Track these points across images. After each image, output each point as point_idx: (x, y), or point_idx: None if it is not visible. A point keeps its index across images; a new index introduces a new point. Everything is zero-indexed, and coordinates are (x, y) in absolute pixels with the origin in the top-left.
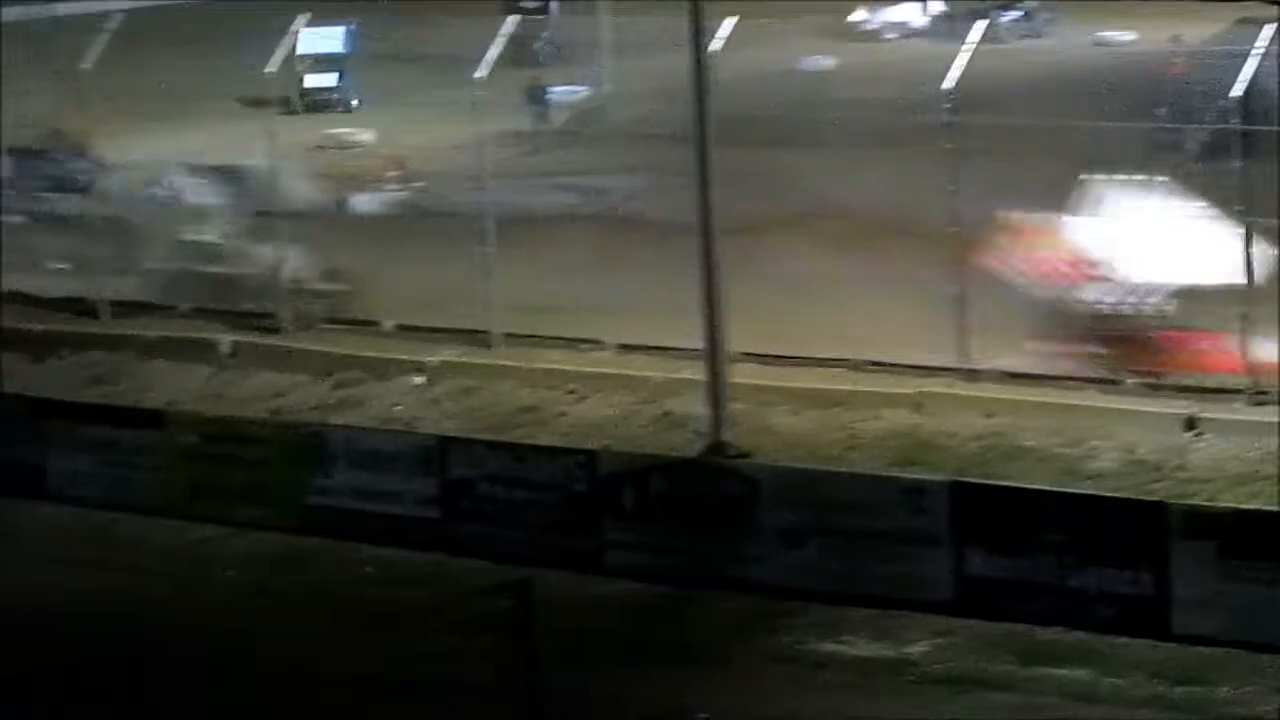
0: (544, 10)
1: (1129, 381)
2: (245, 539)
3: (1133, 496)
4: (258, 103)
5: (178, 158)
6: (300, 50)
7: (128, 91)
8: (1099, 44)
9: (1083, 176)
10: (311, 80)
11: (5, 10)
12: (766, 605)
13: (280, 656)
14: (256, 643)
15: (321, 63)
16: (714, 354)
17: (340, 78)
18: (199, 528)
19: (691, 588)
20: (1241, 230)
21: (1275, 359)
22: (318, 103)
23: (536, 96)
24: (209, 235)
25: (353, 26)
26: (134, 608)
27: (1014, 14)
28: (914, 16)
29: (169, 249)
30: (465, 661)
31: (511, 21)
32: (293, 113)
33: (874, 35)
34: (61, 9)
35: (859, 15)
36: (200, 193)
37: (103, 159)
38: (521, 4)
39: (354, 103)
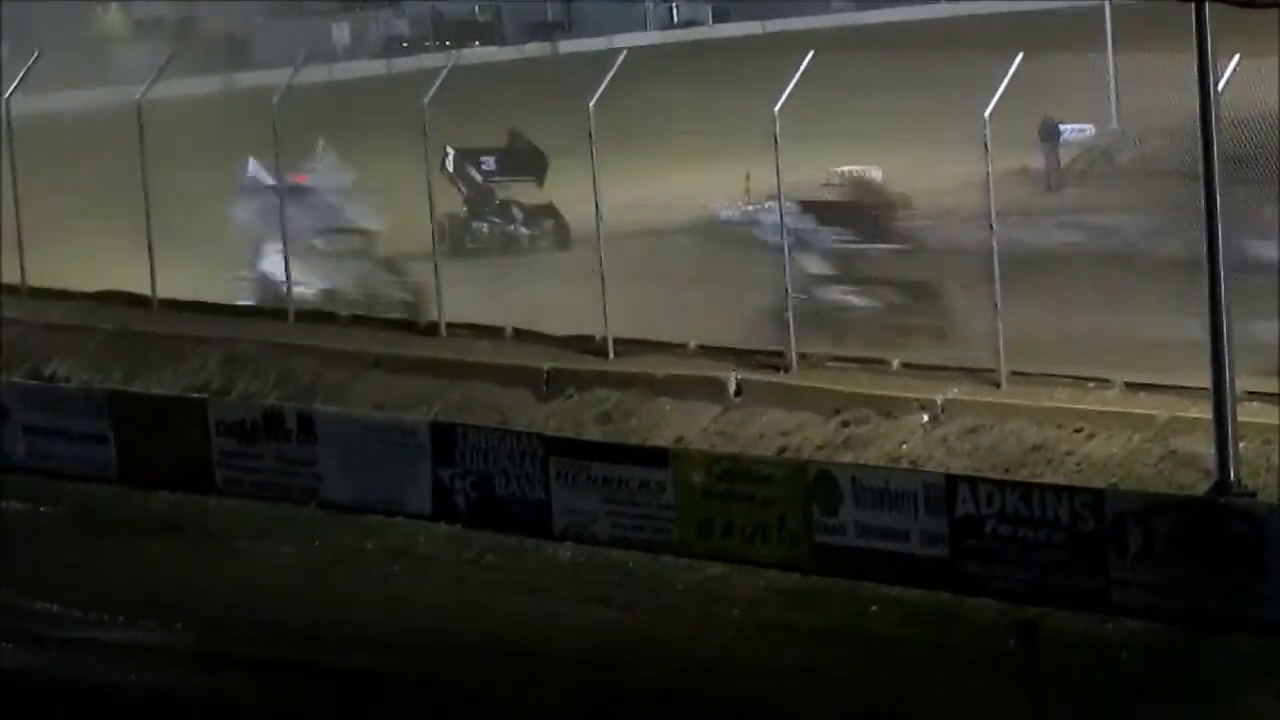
0: None
1: None
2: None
3: None
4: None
5: (684, 196)
6: None
7: (633, 130)
8: None
9: None
10: None
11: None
12: (1274, 645)
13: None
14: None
15: None
16: (1220, 392)
17: None
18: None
19: (1197, 627)
20: None
21: None
22: None
23: (1050, 133)
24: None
25: None
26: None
27: None
28: None
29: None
30: (971, 699)
31: (1017, 61)
32: None
33: None
34: (564, 47)
35: None
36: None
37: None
38: None
39: None
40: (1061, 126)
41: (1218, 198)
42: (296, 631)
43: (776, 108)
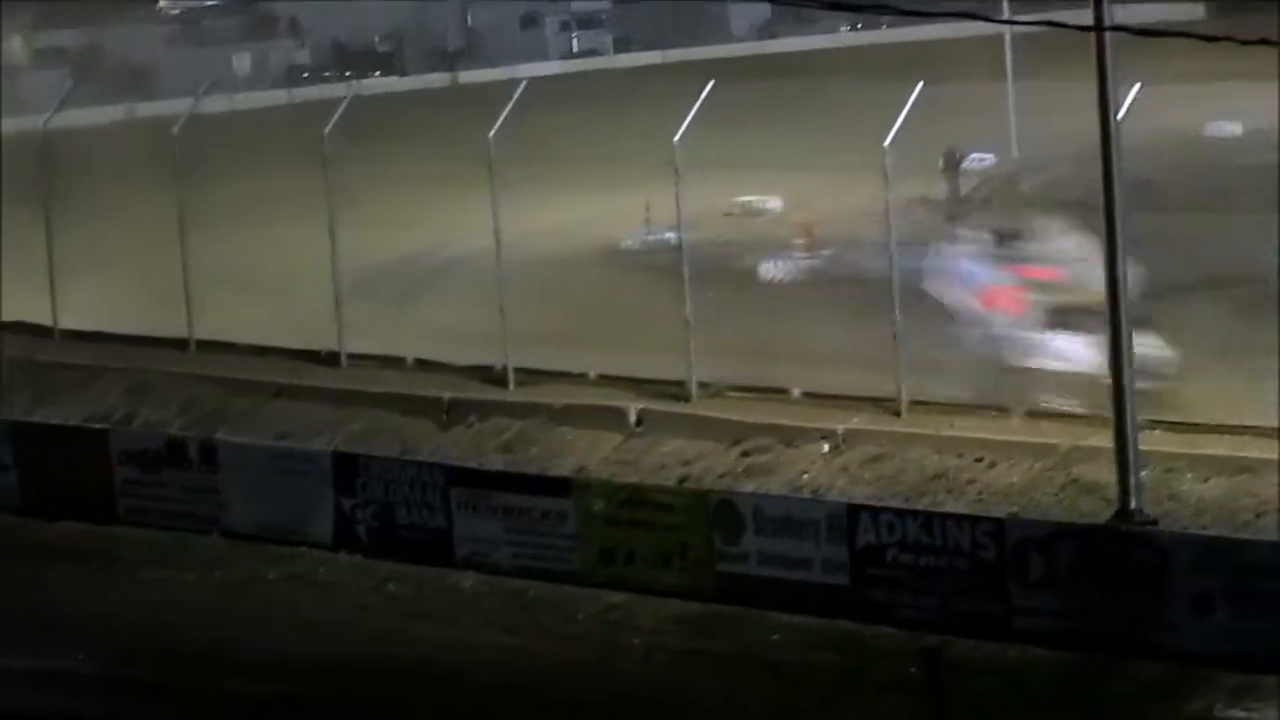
0: None
1: None
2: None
3: None
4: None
5: (584, 224)
6: None
7: (534, 158)
8: None
9: None
10: None
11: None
12: (1176, 671)
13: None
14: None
15: None
16: (1122, 420)
17: None
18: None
19: (1101, 654)
20: None
21: None
22: None
23: (953, 162)
24: None
25: None
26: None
27: None
28: None
29: None
30: None
31: (917, 90)
32: None
33: None
34: (465, 77)
35: None
36: None
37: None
38: None
39: None
40: (964, 154)
41: (1118, 224)
42: (200, 658)
43: (676, 137)
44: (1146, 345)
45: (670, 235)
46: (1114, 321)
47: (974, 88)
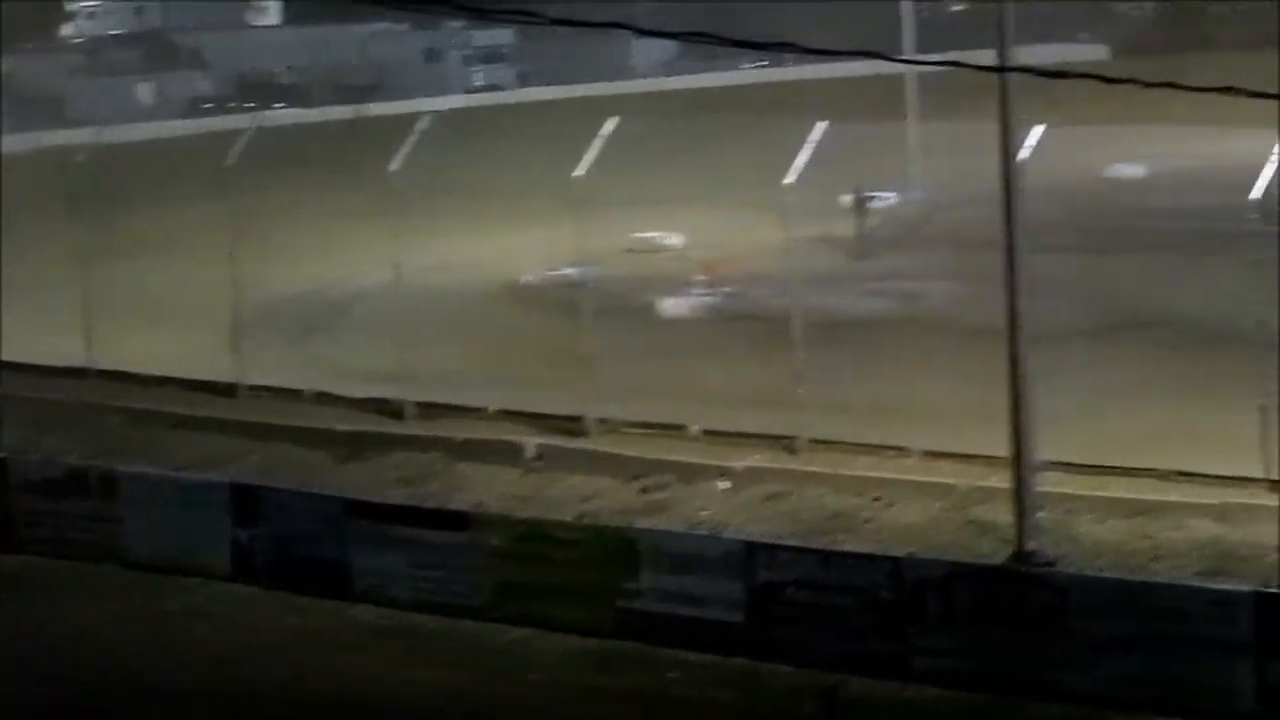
0: None
1: None
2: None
3: None
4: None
5: (486, 259)
6: None
7: (436, 192)
8: None
9: None
10: None
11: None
12: (1073, 713)
13: None
14: None
15: None
16: (1020, 461)
17: None
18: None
19: (998, 694)
20: None
21: None
22: None
23: (858, 200)
24: None
25: None
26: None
27: None
28: None
29: None
30: None
31: (820, 128)
32: None
33: None
34: (369, 109)
35: None
36: None
37: None
38: None
39: None
40: (868, 194)
41: (1019, 265)
42: (96, 688)
43: (579, 172)
44: None
45: (571, 271)
46: (1013, 358)
47: (877, 127)
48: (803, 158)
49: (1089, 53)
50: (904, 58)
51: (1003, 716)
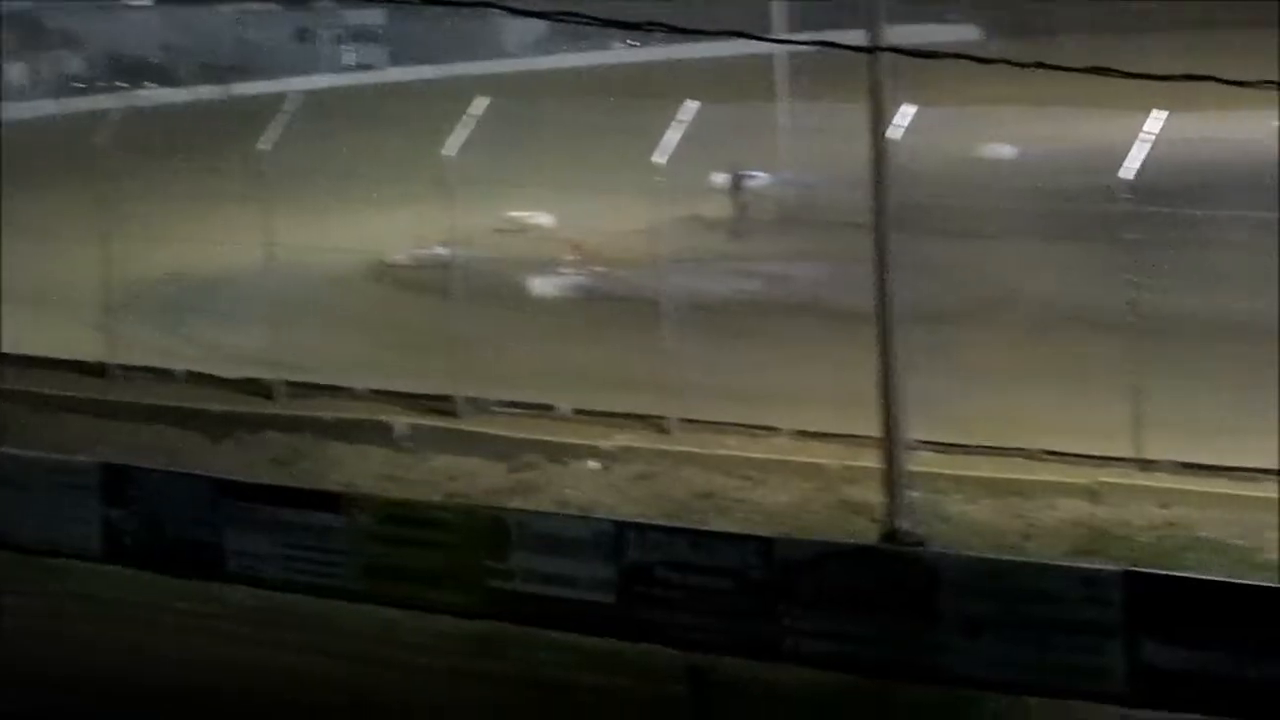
0: None
1: None
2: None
3: None
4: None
5: (355, 239)
6: None
7: (306, 172)
8: None
9: None
10: None
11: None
12: (944, 693)
13: None
14: None
15: None
16: (891, 441)
17: None
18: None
19: (868, 675)
20: None
21: None
22: None
23: (737, 182)
24: None
25: None
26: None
27: None
28: None
29: None
30: None
31: (690, 108)
32: None
33: None
34: (240, 89)
35: None
36: None
37: None
38: None
39: None
40: (745, 173)
41: (888, 247)
42: None
43: (449, 153)
44: None
45: (441, 251)
46: (883, 339)
47: (748, 108)
48: (673, 138)
49: (959, 33)
50: (774, 37)
51: (873, 698)
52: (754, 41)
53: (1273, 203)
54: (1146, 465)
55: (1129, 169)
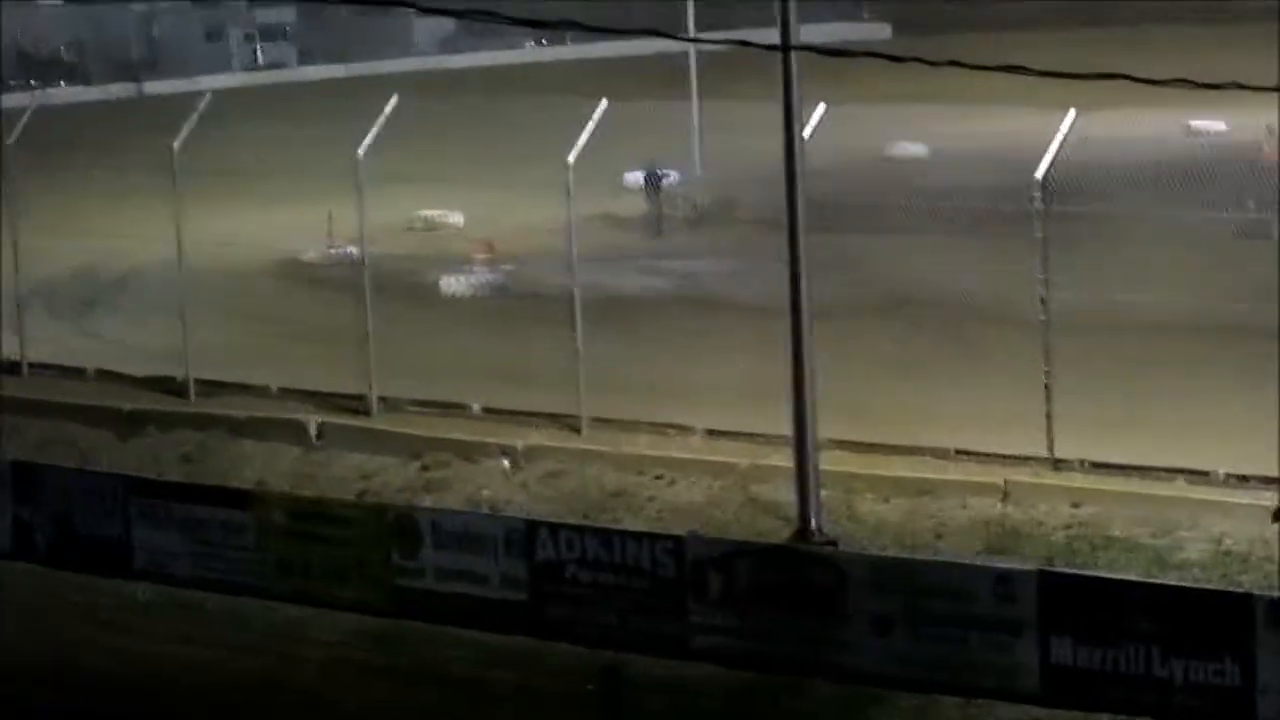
0: None
1: (1219, 472)
2: (334, 618)
3: (1220, 588)
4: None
5: (265, 237)
6: None
7: (217, 170)
8: (1191, 134)
9: None
10: None
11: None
12: (854, 692)
13: None
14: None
15: None
16: (802, 440)
17: None
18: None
19: (778, 673)
20: None
21: None
22: None
23: (653, 180)
24: None
25: None
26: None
27: None
28: None
29: None
30: None
31: (602, 107)
32: None
33: None
34: (150, 88)
35: None
36: None
37: None
38: None
39: None
40: (661, 171)
41: (801, 244)
42: None
43: (360, 150)
44: None
45: (351, 249)
46: (795, 337)
47: (659, 106)
48: (585, 136)
49: (871, 31)
50: (686, 36)
51: (782, 696)
52: (667, 40)
53: (1180, 201)
54: (1058, 464)
55: (1039, 167)
